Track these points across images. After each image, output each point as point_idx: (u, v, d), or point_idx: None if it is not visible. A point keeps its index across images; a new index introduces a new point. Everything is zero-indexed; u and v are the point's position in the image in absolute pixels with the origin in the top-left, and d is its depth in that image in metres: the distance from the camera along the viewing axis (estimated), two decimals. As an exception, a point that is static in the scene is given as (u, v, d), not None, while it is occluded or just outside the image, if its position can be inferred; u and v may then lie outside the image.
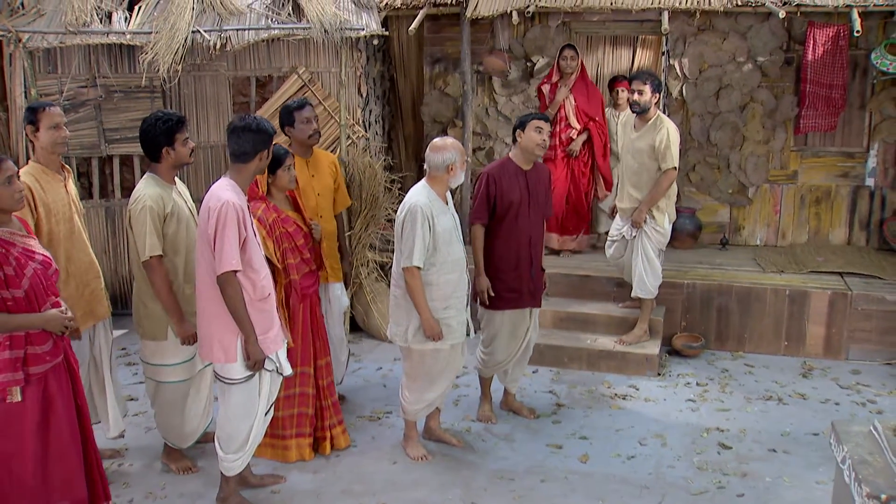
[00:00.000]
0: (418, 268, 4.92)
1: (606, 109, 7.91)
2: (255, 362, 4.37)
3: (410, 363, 5.21)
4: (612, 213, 6.98)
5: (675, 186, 6.50)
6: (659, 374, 6.65)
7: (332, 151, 7.31)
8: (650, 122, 6.38)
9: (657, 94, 6.37)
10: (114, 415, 5.14)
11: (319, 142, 7.28)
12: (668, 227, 6.56)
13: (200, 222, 4.30)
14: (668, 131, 6.30)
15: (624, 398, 6.27)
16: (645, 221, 6.47)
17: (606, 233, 7.60)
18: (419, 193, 5.01)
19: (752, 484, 5.00)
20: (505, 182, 5.44)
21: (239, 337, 4.32)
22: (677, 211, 8.03)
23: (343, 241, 5.97)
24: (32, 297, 3.80)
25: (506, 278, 5.53)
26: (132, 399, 6.11)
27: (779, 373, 6.71)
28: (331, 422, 5.33)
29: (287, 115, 5.53)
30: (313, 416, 5.27)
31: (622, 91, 7.79)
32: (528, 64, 8.51)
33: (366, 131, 7.71)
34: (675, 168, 6.35)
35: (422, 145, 5.15)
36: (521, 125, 5.46)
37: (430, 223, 4.91)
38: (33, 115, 4.65)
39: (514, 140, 5.52)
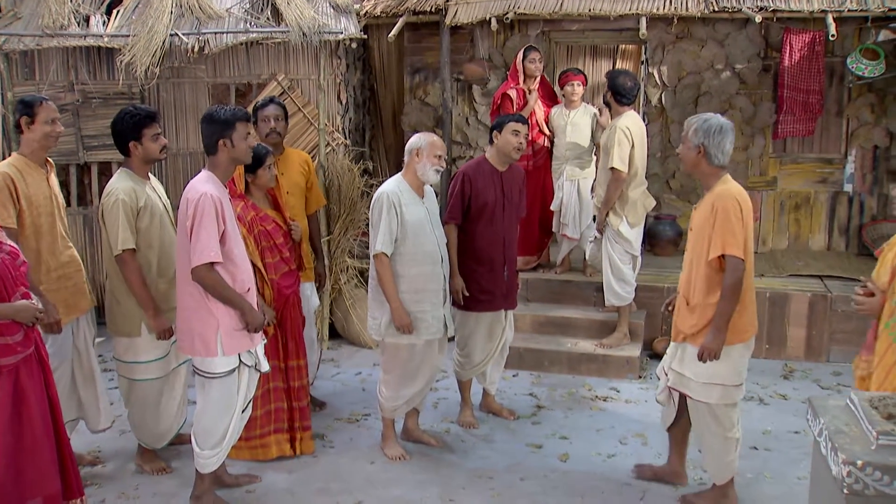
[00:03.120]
0: (386, 255, 4.92)
1: (555, 109, 7.41)
2: (257, 326, 4.38)
3: (386, 357, 5.18)
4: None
5: (637, 191, 6.44)
6: (640, 377, 6.62)
7: (311, 158, 7.30)
8: (613, 121, 6.42)
9: (609, 92, 6.38)
10: (104, 405, 5.06)
11: (300, 147, 7.31)
12: (630, 233, 6.48)
13: (179, 215, 4.29)
14: (617, 129, 6.26)
15: (605, 400, 6.23)
16: (606, 225, 6.47)
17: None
18: (389, 182, 5.07)
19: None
20: (480, 182, 5.41)
21: (219, 331, 4.29)
22: (658, 218, 8.07)
23: (317, 242, 5.93)
24: (1, 287, 3.74)
25: (480, 279, 5.49)
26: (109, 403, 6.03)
27: (760, 375, 6.68)
28: (300, 424, 5.26)
29: (253, 112, 5.55)
30: (287, 410, 5.22)
31: (578, 85, 7.22)
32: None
33: (345, 138, 7.69)
34: (619, 169, 6.24)
35: (402, 155, 5.20)
36: (499, 126, 5.42)
37: (396, 210, 4.91)
38: (30, 108, 4.62)
39: (491, 141, 5.51)
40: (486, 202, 5.41)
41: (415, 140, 5.07)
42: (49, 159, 4.85)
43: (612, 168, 6.24)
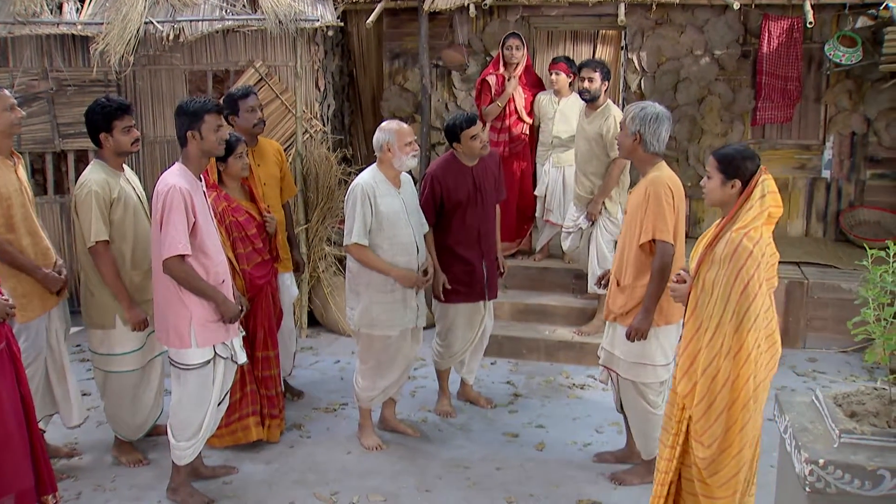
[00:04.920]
0: (360, 245, 4.92)
1: (544, 96, 7.44)
2: (232, 317, 4.40)
3: (361, 347, 5.20)
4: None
5: (627, 176, 6.47)
6: (617, 364, 6.64)
7: (288, 145, 7.28)
8: (599, 110, 6.38)
9: (606, 83, 6.37)
10: (76, 401, 5.04)
11: (278, 135, 7.29)
12: (622, 218, 6.50)
13: (152, 208, 4.28)
14: (615, 119, 6.24)
15: (582, 388, 6.26)
16: (600, 213, 6.46)
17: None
18: (364, 173, 5.04)
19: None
20: (451, 181, 5.39)
21: (192, 322, 4.30)
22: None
23: (292, 231, 5.92)
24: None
25: (457, 271, 5.50)
26: (85, 394, 5.99)
27: (736, 362, 6.72)
28: (267, 411, 5.27)
29: (231, 104, 5.42)
30: (258, 394, 5.24)
31: (556, 74, 7.26)
32: (488, 59, 8.49)
33: (324, 125, 7.66)
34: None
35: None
36: (455, 138, 5.38)
37: (370, 201, 4.89)
38: None
39: (452, 147, 5.47)
40: (459, 201, 5.39)
41: (380, 136, 5.00)
42: (15, 151, 4.81)
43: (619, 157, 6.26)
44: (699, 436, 3.57)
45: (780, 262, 7.22)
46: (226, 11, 7.21)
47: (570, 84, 7.25)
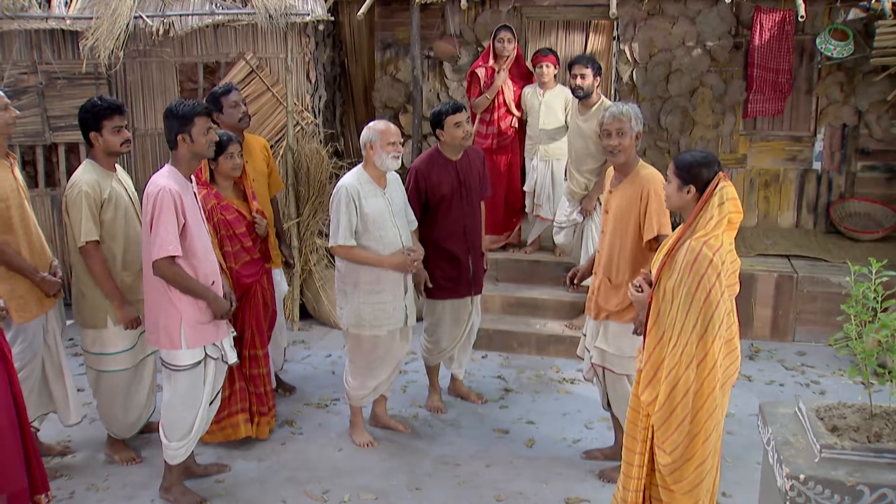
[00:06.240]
0: (346, 245, 4.96)
1: (529, 89, 7.40)
2: (223, 314, 4.45)
3: (350, 347, 5.24)
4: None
5: None
6: (608, 358, 6.68)
7: (279, 138, 7.28)
8: (595, 107, 6.35)
9: (598, 78, 6.36)
10: (74, 400, 5.07)
11: (269, 128, 7.28)
12: None
13: (143, 209, 4.29)
14: None
15: (572, 382, 6.30)
16: (594, 209, 6.47)
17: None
18: (349, 175, 5.06)
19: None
20: (434, 176, 5.40)
21: (183, 324, 4.33)
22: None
23: (280, 227, 5.95)
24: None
25: (444, 266, 5.52)
26: (79, 390, 6.00)
27: (726, 355, 6.76)
28: (256, 409, 5.30)
29: (213, 102, 5.45)
30: (246, 391, 5.26)
31: (547, 66, 7.23)
32: (479, 49, 8.48)
33: (315, 117, 7.65)
34: None
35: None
36: (439, 124, 5.37)
37: (355, 204, 4.91)
38: None
39: (437, 138, 5.48)
40: (443, 195, 5.40)
41: (365, 134, 5.03)
42: (10, 152, 4.82)
43: None
44: (661, 443, 3.57)
45: (769, 255, 7.37)
46: (216, 6, 7.19)
47: (555, 76, 7.25)
